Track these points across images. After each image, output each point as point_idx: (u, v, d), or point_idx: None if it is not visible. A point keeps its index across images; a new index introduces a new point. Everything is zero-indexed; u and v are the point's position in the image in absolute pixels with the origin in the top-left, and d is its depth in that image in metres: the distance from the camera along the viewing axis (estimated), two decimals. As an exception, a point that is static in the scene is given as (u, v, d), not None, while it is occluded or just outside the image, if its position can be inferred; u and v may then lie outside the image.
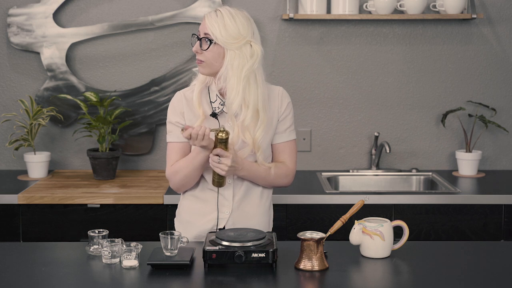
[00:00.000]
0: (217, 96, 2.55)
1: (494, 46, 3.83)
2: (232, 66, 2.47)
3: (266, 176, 2.56)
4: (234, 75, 2.47)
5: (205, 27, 2.49)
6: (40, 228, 3.29)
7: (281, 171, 2.59)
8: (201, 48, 2.49)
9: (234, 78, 2.47)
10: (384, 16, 3.66)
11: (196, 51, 2.51)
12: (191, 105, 2.56)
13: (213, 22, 2.48)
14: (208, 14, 2.51)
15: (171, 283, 2.14)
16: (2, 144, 3.85)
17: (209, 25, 2.48)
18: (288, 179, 2.62)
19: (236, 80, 2.47)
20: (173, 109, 2.59)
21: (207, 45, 2.49)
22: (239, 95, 2.47)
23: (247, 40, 2.49)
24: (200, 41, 2.50)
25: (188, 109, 2.56)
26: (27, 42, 3.75)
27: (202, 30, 2.50)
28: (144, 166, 3.89)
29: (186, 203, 2.64)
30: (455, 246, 2.56)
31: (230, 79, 2.48)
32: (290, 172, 2.62)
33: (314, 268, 2.20)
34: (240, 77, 2.47)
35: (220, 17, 2.48)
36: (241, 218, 2.58)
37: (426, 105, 3.88)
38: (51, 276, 2.19)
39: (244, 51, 2.48)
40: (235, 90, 2.47)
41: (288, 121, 2.62)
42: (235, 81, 2.47)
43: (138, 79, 3.84)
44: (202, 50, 2.49)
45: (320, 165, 3.89)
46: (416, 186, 3.80)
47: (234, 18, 2.48)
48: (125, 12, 3.79)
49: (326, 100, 3.86)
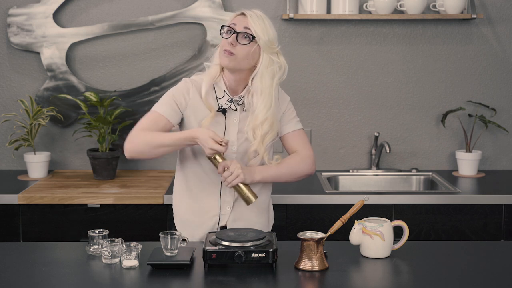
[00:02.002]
0: (225, 92, 2.56)
1: (494, 46, 3.83)
2: (267, 70, 2.50)
3: (283, 170, 2.57)
4: (268, 79, 2.50)
5: (246, 22, 2.47)
6: (40, 228, 3.29)
7: (294, 160, 2.59)
8: (238, 41, 2.48)
9: (268, 81, 2.50)
10: (384, 16, 3.66)
11: (231, 43, 2.47)
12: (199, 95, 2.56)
13: (256, 20, 2.48)
14: (248, 12, 2.50)
15: (171, 283, 2.14)
16: (2, 144, 3.85)
17: (252, 23, 2.47)
18: (308, 165, 2.61)
19: (269, 83, 2.50)
20: (180, 91, 2.56)
21: (246, 41, 2.48)
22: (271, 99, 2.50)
23: (278, 50, 2.54)
24: (237, 34, 2.47)
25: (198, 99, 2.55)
26: (27, 42, 3.75)
27: (241, 24, 2.48)
28: (144, 166, 3.89)
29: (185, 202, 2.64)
30: (455, 246, 2.55)
31: (264, 82, 2.50)
32: (306, 158, 2.61)
33: (314, 268, 2.20)
34: (272, 85, 2.51)
35: (261, 19, 2.50)
36: (242, 214, 2.59)
37: (426, 105, 3.88)
38: (51, 276, 2.19)
39: (275, 59, 2.53)
40: (268, 95, 2.50)
41: (291, 113, 2.65)
42: (267, 85, 2.50)
43: (138, 79, 3.84)
44: (239, 43, 2.47)
45: (320, 165, 3.89)
46: (416, 186, 3.80)
47: (271, 24, 2.52)
48: (125, 12, 3.79)
49: (326, 100, 3.86)
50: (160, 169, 3.87)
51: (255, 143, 2.53)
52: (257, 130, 2.53)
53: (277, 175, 2.57)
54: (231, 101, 2.55)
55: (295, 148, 2.63)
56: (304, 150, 2.62)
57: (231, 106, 2.55)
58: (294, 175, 2.61)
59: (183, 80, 2.60)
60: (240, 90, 2.57)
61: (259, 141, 2.52)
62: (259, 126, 2.52)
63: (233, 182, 2.43)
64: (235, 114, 2.56)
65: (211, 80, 2.55)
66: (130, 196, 3.29)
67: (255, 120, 2.52)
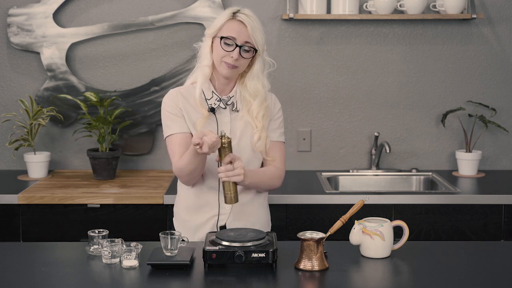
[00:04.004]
0: (213, 93, 2.57)
1: (494, 46, 3.83)
2: (260, 69, 2.55)
3: (264, 179, 2.59)
4: (262, 78, 2.56)
5: (247, 35, 2.49)
6: (40, 228, 3.29)
7: (274, 172, 2.62)
8: (242, 56, 2.50)
9: (260, 82, 2.56)
10: (384, 16, 3.66)
11: (233, 57, 2.48)
12: (191, 101, 2.56)
13: (256, 31, 2.50)
14: (245, 18, 2.50)
15: (171, 283, 2.14)
16: (2, 144, 3.85)
17: (252, 33, 2.49)
18: (280, 180, 2.66)
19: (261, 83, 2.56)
20: (170, 103, 2.58)
21: (250, 54, 2.51)
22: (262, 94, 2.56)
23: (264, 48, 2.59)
24: (240, 48, 2.48)
25: (188, 105, 2.56)
26: (27, 42, 3.75)
27: (242, 37, 2.49)
28: (144, 166, 3.89)
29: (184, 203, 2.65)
30: (455, 246, 2.55)
31: (259, 83, 2.56)
32: (282, 173, 2.66)
33: (314, 268, 2.20)
34: (263, 79, 2.57)
35: (256, 22, 2.52)
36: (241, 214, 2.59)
37: (426, 105, 3.88)
38: (51, 276, 2.19)
39: (266, 58, 2.59)
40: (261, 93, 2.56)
41: (279, 123, 2.67)
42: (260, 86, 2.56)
43: (138, 79, 3.84)
44: (242, 57, 2.50)
45: (320, 165, 3.89)
46: (416, 186, 3.80)
47: (259, 23, 2.55)
48: (125, 12, 3.79)
49: (326, 100, 3.86)
50: (160, 169, 3.87)
51: (257, 131, 2.57)
52: (256, 120, 2.57)
53: (259, 183, 2.58)
54: (219, 100, 2.56)
55: (272, 156, 2.63)
56: (281, 165, 2.65)
57: (220, 105, 2.56)
58: (269, 187, 2.64)
59: (171, 92, 2.61)
60: (228, 90, 2.60)
61: (260, 128, 2.57)
62: (256, 116, 2.58)
63: (230, 178, 2.41)
64: (226, 113, 2.58)
65: (205, 81, 2.57)
66: (130, 196, 3.29)
67: (252, 113, 2.57)
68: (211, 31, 2.54)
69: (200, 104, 2.54)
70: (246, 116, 2.58)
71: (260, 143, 2.57)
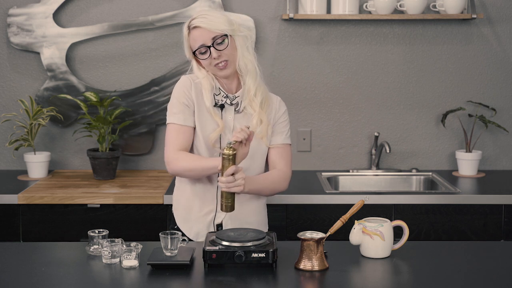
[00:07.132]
0: (220, 89, 2.58)
1: (494, 46, 3.83)
2: (243, 45, 2.55)
3: (266, 185, 2.58)
4: (247, 54, 2.56)
5: (208, 32, 2.50)
6: (40, 228, 3.29)
7: (277, 177, 2.62)
8: (218, 49, 2.50)
9: (248, 56, 2.56)
10: (384, 16, 3.66)
11: (215, 58, 2.50)
12: (199, 93, 2.58)
13: (212, 21, 2.51)
14: (197, 21, 2.52)
15: (171, 283, 2.14)
16: (2, 144, 3.85)
17: (211, 27, 2.50)
18: (286, 184, 2.65)
19: (250, 57, 2.56)
20: (183, 90, 2.59)
21: (226, 43, 2.51)
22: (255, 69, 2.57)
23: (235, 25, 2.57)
24: (212, 47, 2.50)
25: (198, 96, 2.58)
26: (27, 42, 3.75)
27: (204, 36, 2.51)
28: (144, 166, 3.89)
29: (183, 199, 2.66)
30: (455, 246, 2.56)
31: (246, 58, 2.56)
32: (287, 177, 2.65)
33: (314, 268, 2.20)
34: (250, 54, 2.57)
35: (209, 14, 2.53)
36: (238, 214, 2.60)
37: (426, 105, 3.88)
38: (51, 276, 2.19)
39: (241, 34, 2.57)
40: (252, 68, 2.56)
41: (285, 125, 2.67)
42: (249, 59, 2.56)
43: (138, 79, 3.84)
44: (220, 50, 2.50)
45: (320, 165, 3.89)
46: (416, 186, 3.80)
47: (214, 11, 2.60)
48: (125, 12, 3.79)
49: (326, 100, 3.86)
50: (160, 169, 3.87)
51: (256, 115, 2.57)
52: (253, 103, 2.57)
53: (261, 189, 2.58)
54: (226, 97, 2.58)
55: (278, 162, 2.64)
56: (286, 168, 2.65)
57: (226, 101, 2.58)
58: (273, 192, 2.64)
59: (184, 78, 2.62)
60: (234, 89, 2.61)
61: (258, 111, 2.56)
62: (254, 98, 2.57)
63: (230, 189, 2.39)
64: (230, 112, 2.59)
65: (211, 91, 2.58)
66: (130, 196, 3.29)
67: (249, 93, 2.57)
68: (187, 54, 2.61)
69: (214, 113, 2.56)
70: (248, 108, 2.59)
71: (261, 128, 2.58)
